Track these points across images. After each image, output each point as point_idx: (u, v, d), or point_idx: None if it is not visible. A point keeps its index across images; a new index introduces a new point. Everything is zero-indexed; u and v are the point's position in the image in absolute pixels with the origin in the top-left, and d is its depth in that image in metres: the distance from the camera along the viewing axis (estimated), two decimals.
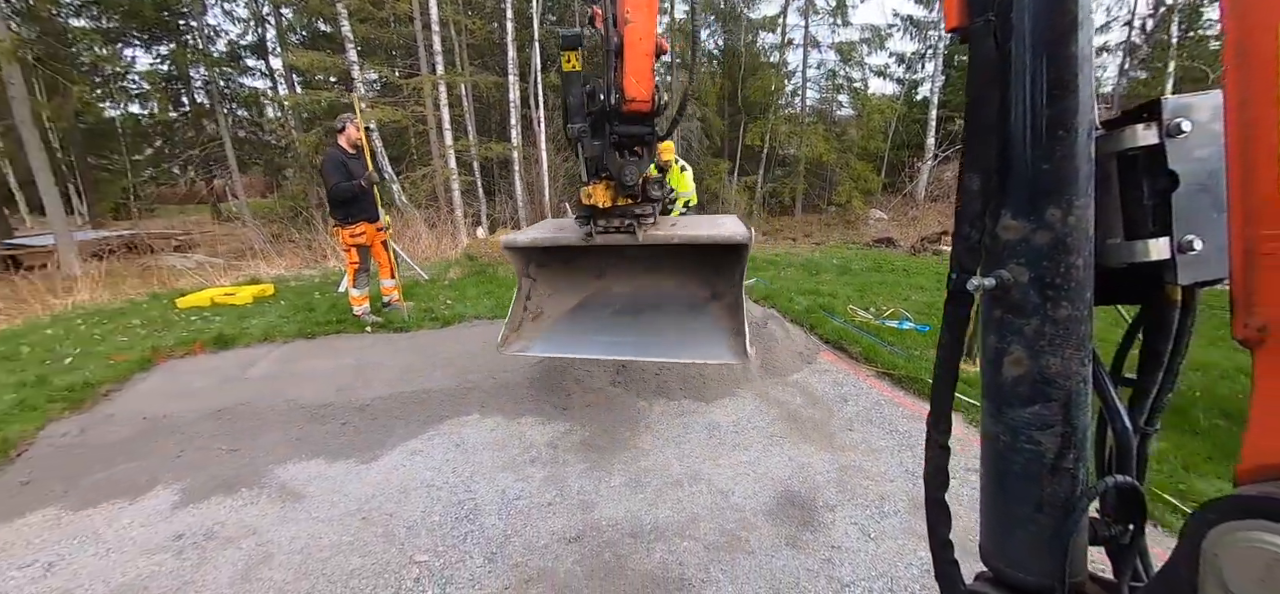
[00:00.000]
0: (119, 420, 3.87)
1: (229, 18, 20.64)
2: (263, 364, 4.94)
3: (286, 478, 3.22)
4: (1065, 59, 0.74)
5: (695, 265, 3.62)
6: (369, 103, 14.22)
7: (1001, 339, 0.84)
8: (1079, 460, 0.83)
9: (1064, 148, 0.75)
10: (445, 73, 13.85)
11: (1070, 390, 0.80)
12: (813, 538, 2.68)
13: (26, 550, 2.71)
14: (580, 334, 3.36)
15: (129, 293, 8.99)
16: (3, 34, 11.66)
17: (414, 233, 12.68)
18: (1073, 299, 0.78)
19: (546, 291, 3.54)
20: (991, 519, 0.93)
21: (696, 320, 3.40)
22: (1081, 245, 0.77)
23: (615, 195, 2.83)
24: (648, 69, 2.42)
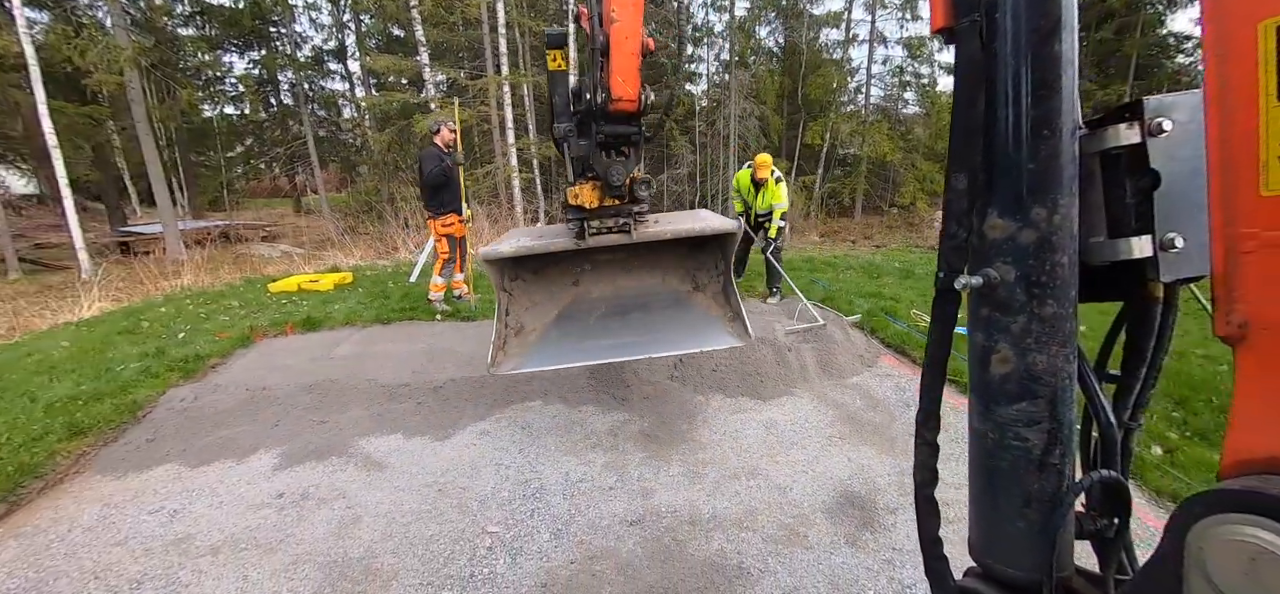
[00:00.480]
0: (226, 390, 4.30)
1: (314, 25, 22.16)
2: (345, 345, 5.33)
3: (370, 449, 3.50)
4: (1049, 59, 0.75)
5: (674, 260, 3.57)
6: (439, 103, 14.91)
7: (989, 337, 0.85)
8: (1065, 456, 0.84)
9: (1048, 147, 0.76)
10: (509, 73, 14.34)
11: (1056, 387, 0.81)
12: (873, 539, 2.67)
13: (154, 498, 3.08)
14: (572, 342, 3.24)
15: (226, 277, 9.87)
16: (125, 43, 13.02)
17: (477, 228, 13.23)
18: (1058, 297, 0.79)
19: (525, 305, 3.38)
20: (980, 515, 0.94)
21: (686, 313, 3.37)
22: (1066, 244, 0.78)
23: (602, 196, 2.78)
24: (634, 68, 2.38)
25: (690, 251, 3.54)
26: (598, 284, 3.58)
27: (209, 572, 2.51)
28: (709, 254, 3.46)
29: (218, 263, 12.48)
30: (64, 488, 3.22)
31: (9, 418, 3.84)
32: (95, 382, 4.43)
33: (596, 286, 3.58)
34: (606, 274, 3.58)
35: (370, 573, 2.47)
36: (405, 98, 16.15)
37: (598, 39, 2.35)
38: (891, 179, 19.04)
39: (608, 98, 2.38)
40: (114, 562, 2.59)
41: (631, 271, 3.59)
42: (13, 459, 3.30)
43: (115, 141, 20.02)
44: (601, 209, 2.82)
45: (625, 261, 3.56)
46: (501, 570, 2.47)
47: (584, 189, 2.74)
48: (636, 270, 3.59)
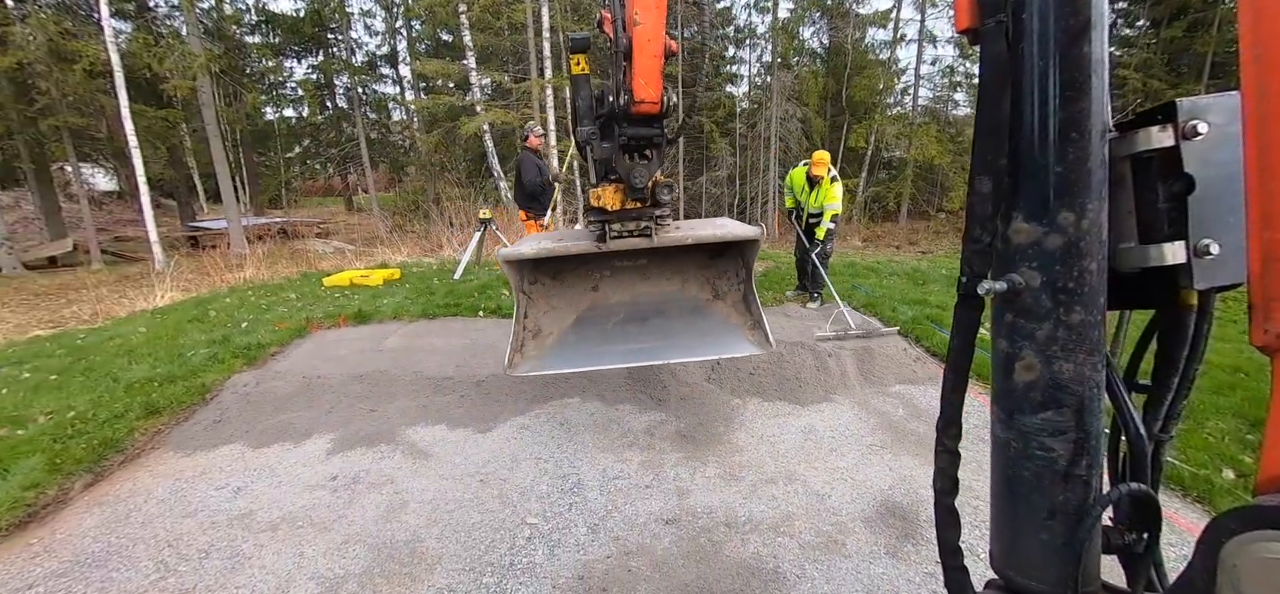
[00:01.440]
0: (285, 377, 4.55)
1: (368, 31, 23.13)
2: (393, 338, 5.55)
3: (416, 438, 3.64)
4: (1078, 60, 0.73)
5: (695, 268, 3.56)
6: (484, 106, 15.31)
7: (1012, 344, 0.83)
8: (1092, 467, 0.81)
9: (1077, 150, 0.74)
10: (552, 76, 14.59)
11: (1083, 396, 0.79)
12: (915, 551, 2.60)
13: (220, 476, 3.30)
14: (590, 346, 3.26)
15: (283, 271, 10.41)
16: (198, 50, 13.91)
17: (517, 228, 13.52)
18: (1086, 304, 0.77)
19: (543, 309, 3.40)
20: (1002, 526, 0.92)
21: (706, 320, 3.37)
22: (1094, 249, 0.76)
23: (625, 198, 2.79)
24: (657, 70, 2.38)
25: (711, 259, 3.53)
26: (617, 290, 3.58)
27: (268, 546, 2.67)
28: (730, 261, 3.45)
29: (276, 257, 13.17)
30: (141, 462, 3.48)
31: (95, 396, 4.17)
32: (169, 365, 4.77)
33: (615, 292, 3.58)
34: (625, 280, 3.58)
35: (416, 556, 2.58)
36: (451, 101, 16.66)
37: (621, 42, 2.37)
38: (939, 183, 18.43)
39: (630, 100, 2.39)
40: (184, 533, 2.79)
41: (650, 278, 3.59)
42: (99, 434, 3.59)
43: (186, 142, 21.40)
44: (623, 212, 2.84)
45: (645, 268, 3.58)
46: (540, 560, 2.53)
47: (606, 191, 2.76)
48: (655, 277, 3.59)
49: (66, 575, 2.50)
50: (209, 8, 18.35)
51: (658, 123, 2.61)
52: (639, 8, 2.31)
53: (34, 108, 12.84)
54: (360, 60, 22.64)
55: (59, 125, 13.16)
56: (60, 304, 9.42)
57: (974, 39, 0.84)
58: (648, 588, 2.37)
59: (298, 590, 2.39)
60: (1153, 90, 16.79)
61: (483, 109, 15.09)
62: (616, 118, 2.58)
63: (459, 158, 20.23)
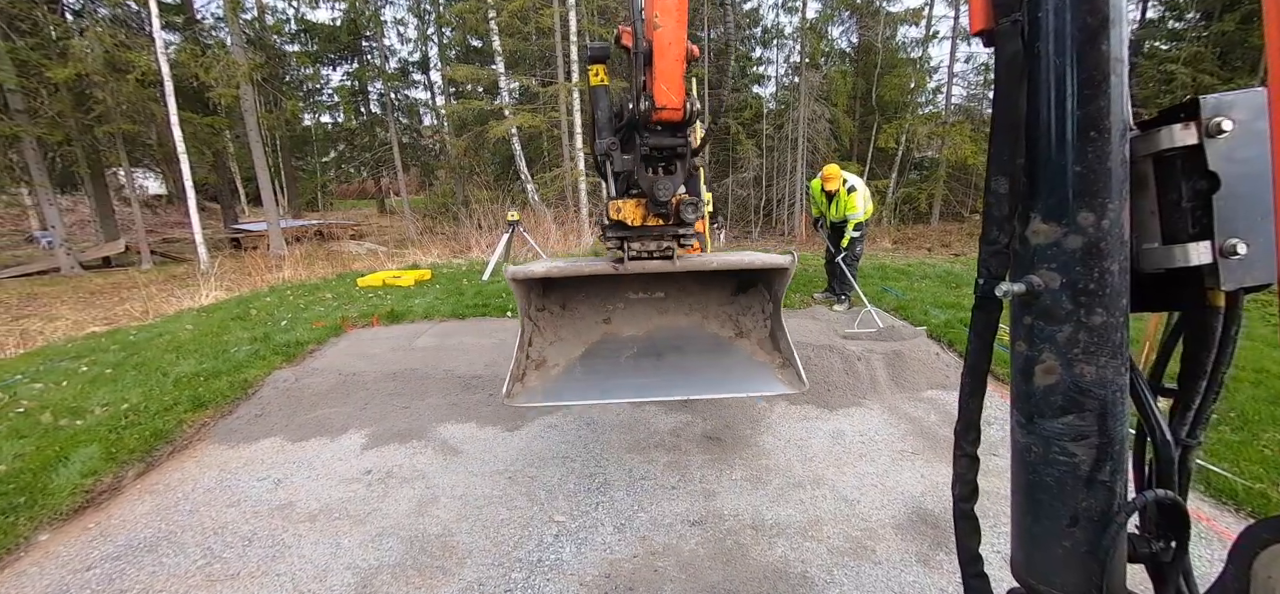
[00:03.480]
0: (321, 373, 4.70)
1: (401, 39, 23.73)
2: (425, 337, 5.68)
3: (447, 435, 3.72)
4: (1096, 58, 0.71)
5: (716, 303, 3.32)
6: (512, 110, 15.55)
7: (1032, 347, 0.82)
8: (1116, 473, 0.79)
9: (1096, 149, 0.73)
10: (579, 80, 14.73)
11: (1106, 400, 0.77)
12: (948, 560, 2.54)
13: (262, 467, 3.43)
14: (599, 379, 3.00)
15: (320, 272, 10.75)
16: (242, 60, 14.49)
17: (545, 229, 13.68)
18: (1108, 305, 0.75)
19: (549, 339, 3.16)
20: (1023, 533, 0.90)
21: (729, 357, 3.12)
22: (1116, 250, 0.74)
23: (646, 214, 2.59)
24: (679, 75, 2.30)
25: (734, 295, 3.32)
26: (630, 323, 3.31)
27: (307, 536, 2.76)
28: (756, 296, 3.24)
29: (313, 258, 13.61)
30: (188, 453, 3.64)
31: (146, 389, 4.38)
32: (214, 361, 4.97)
33: (629, 326, 3.31)
34: (640, 313, 3.33)
35: (447, 549, 2.63)
36: (480, 105, 16.97)
37: (640, 46, 2.30)
38: (974, 183, 17.93)
39: (651, 106, 2.31)
40: (229, 521, 2.91)
41: (668, 312, 3.33)
42: (150, 425, 3.78)
43: (230, 147, 22.29)
44: (644, 228, 2.63)
45: (661, 302, 3.35)
46: (567, 558, 2.56)
47: (627, 205, 2.58)
48: (673, 312, 3.34)
49: (121, 558, 2.64)
50: (252, 18, 19.08)
51: (681, 131, 2.50)
52: (659, 10, 2.25)
53: (90, 116, 13.56)
54: (393, 67, 23.24)
55: (113, 132, 13.88)
56: (114, 302, 9.91)
57: (988, 40, 0.83)
58: (674, 588, 2.38)
59: (335, 579, 2.47)
60: (1204, 85, 16.03)
61: (511, 113, 15.33)
62: (637, 127, 2.46)
63: (487, 161, 20.61)
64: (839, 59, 20.07)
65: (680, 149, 2.51)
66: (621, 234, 2.66)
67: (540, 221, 14.49)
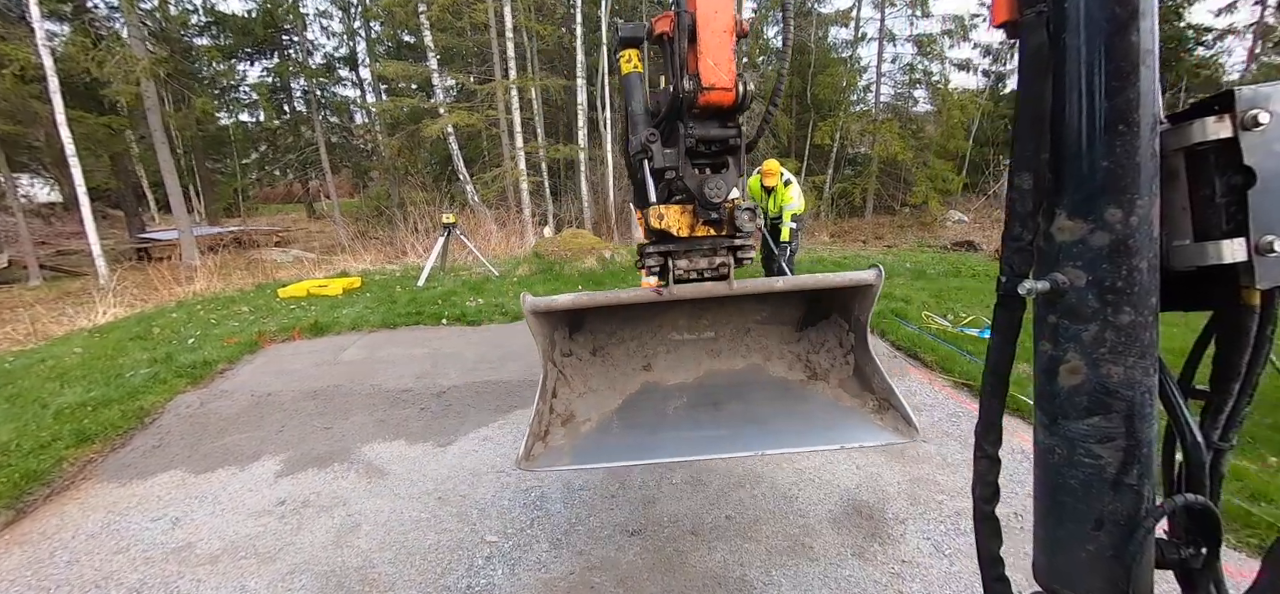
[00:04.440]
0: (232, 396, 4.32)
1: (325, 33, 22.42)
2: (351, 350, 5.34)
3: (372, 456, 3.48)
4: (1125, 49, 0.69)
5: (777, 340, 2.70)
6: (447, 108, 15.00)
7: (1057, 346, 0.80)
8: (1144, 476, 0.78)
9: (1124, 143, 0.71)
10: (517, 77, 14.38)
11: (1133, 401, 0.75)
12: (881, 550, 2.59)
13: (157, 506, 3.09)
14: (643, 434, 2.40)
15: (238, 283, 9.99)
16: (141, 54, 13.25)
17: (485, 231, 13.28)
18: (1136, 304, 0.73)
19: (578, 390, 2.56)
20: (1045, 537, 0.88)
21: (806, 404, 2.49)
22: (1145, 247, 0.72)
23: (695, 222, 2.11)
24: (727, 49, 1.94)
25: (801, 325, 2.70)
26: (675, 370, 2.70)
27: (207, 581, 2.50)
28: (830, 327, 2.59)
29: (231, 268, 12.65)
30: (70, 495, 3.23)
31: (20, 425, 3.88)
32: (105, 388, 4.48)
33: (674, 373, 2.70)
34: (688, 357, 2.72)
35: (367, 583, 2.44)
36: (414, 103, 16.29)
37: (683, 20, 1.96)
38: (903, 178, 18.81)
39: (697, 87, 1.94)
40: (114, 571, 2.59)
41: (720, 354, 2.73)
42: (21, 467, 3.33)
43: (134, 149, 20.41)
44: (693, 239, 2.14)
45: (713, 343, 2.75)
46: (499, 581, 2.43)
47: (671, 211, 2.09)
48: (727, 354, 2.72)
49: None
50: (152, 8, 17.50)
51: (732, 118, 2.08)
52: None
53: None
54: (318, 62, 21.94)
55: None
56: None
57: (1012, 32, 0.81)
58: None
59: None
60: None
61: (446, 111, 14.79)
62: (680, 115, 2.08)
63: (424, 161, 19.82)
64: (775, 58, 20.55)
65: (732, 141, 2.09)
66: (666, 248, 2.14)
67: (481, 223, 14.07)
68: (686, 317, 2.69)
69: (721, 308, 2.68)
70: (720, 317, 2.70)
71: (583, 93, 15.47)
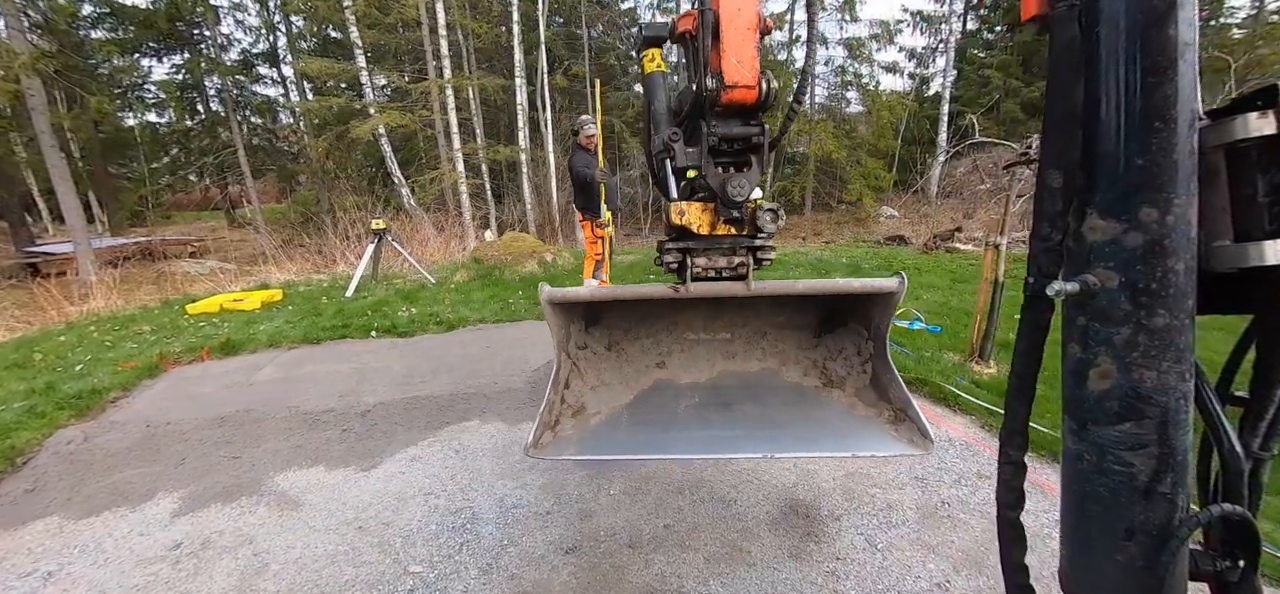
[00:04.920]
0: (124, 428, 3.89)
1: (241, 27, 20.93)
2: (268, 370, 4.95)
3: (285, 486, 3.21)
4: (1162, 43, 0.67)
5: (793, 346, 2.69)
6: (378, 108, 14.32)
7: (1086, 349, 0.77)
8: (1178, 485, 0.75)
9: (1161, 140, 0.68)
10: (452, 77, 13.91)
11: (1167, 407, 0.73)
12: (817, 549, 2.60)
13: (27, 559, 2.72)
14: (653, 431, 2.42)
15: (143, 299, 9.12)
16: (22, 48, 11.91)
17: (422, 236, 12.76)
18: (1171, 307, 0.70)
19: (591, 383, 2.58)
20: (1073, 544, 0.86)
21: (820, 410, 2.49)
22: (1181, 248, 0.70)
23: (716, 220, 2.11)
24: (751, 46, 1.93)
25: (818, 332, 2.67)
26: (689, 369, 2.71)
27: None
28: (849, 335, 2.55)
29: (136, 283, 11.59)
30: None
31: None
32: None
33: (687, 372, 2.71)
34: (702, 357, 2.73)
35: None
36: (342, 102, 15.46)
37: (707, 18, 1.95)
38: (839, 176, 19.52)
39: (720, 85, 1.93)
40: None
41: (734, 356, 2.73)
42: None
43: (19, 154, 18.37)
44: (713, 238, 2.13)
45: (728, 344, 2.76)
46: None
47: (692, 208, 2.09)
48: (742, 356, 2.72)
49: None
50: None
51: (755, 116, 2.07)
52: None
53: None
54: (233, 59, 20.48)
55: None
56: None
57: (1042, 27, 0.77)
58: None
59: None
60: (1011, 87, 18.77)
61: (377, 111, 14.11)
62: (703, 114, 2.07)
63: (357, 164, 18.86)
64: None
65: (755, 139, 2.08)
66: (685, 245, 2.13)
67: (418, 228, 13.50)
68: (703, 317, 2.67)
69: (739, 309, 2.66)
70: (737, 318, 2.68)
71: (522, 92, 15.14)
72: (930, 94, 21.74)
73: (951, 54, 19.51)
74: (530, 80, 16.09)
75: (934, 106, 20.37)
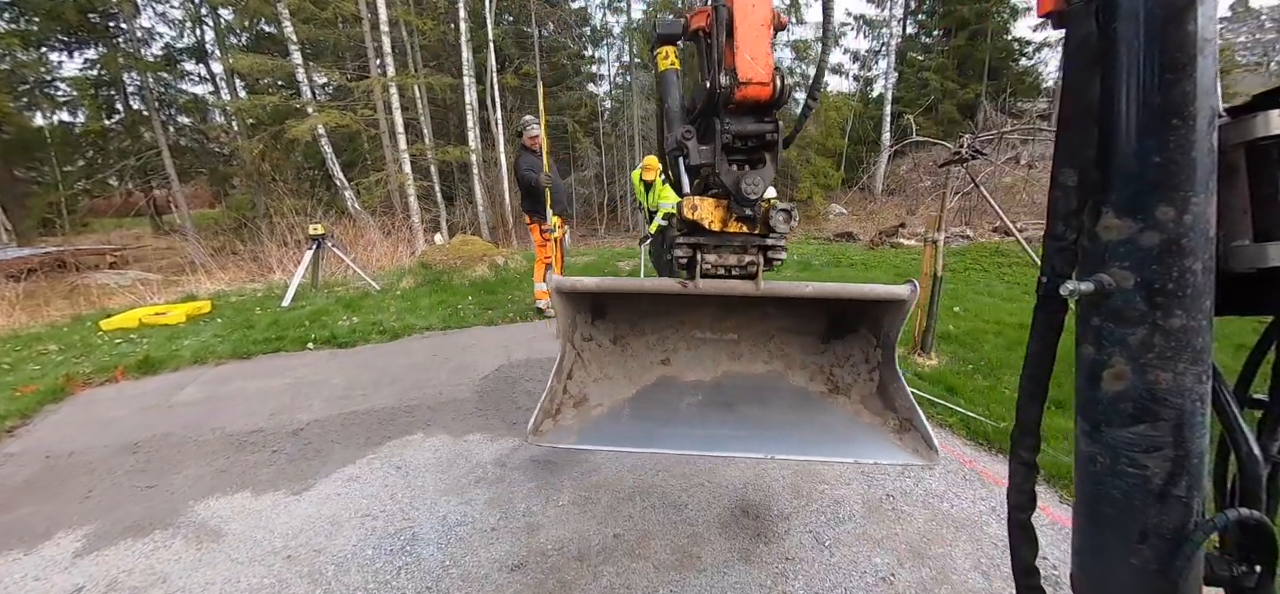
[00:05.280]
0: (20, 460, 3.53)
1: (163, 19, 19.54)
2: (191, 389, 4.61)
3: (206, 515, 2.97)
4: (1181, 39, 0.65)
5: (799, 350, 2.67)
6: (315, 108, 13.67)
7: (1100, 350, 0.76)
8: (1193, 489, 0.74)
9: (1178, 138, 0.67)
10: (396, 75, 13.43)
11: (1183, 409, 0.71)
12: (766, 550, 2.60)
13: None
14: (653, 426, 2.40)
15: (52, 315, 8.37)
16: None
17: (367, 241, 12.26)
18: (1188, 307, 0.69)
19: (594, 376, 2.55)
20: (1085, 548, 0.85)
21: (825, 415, 2.46)
22: (1199, 247, 0.68)
23: (728, 217, 2.07)
24: (765, 43, 1.90)
25: (826, 338, 2.63)
26: (694, 367, 2.67)
27: None
28: (857, 342, 2.53)
29: (45, 297, 10.64)
30: None
31: None
32: None
33: (692, 370, 2.67)
34: (707, 356, 2.69)
35: None
36: (278, 101, 14.68)
37: (721, 15, 1.91)
38: (790, 175, 19.96)
39: (733, 82, 1.88)
40: None
41: (740, 358, 2.69)
42: None
43: None
44: (723, 235, 2.09)
45: (734, 345, 2.72)
46: None
47: (705, 203, 2.05)
48: (748, 357, 2.68)
49: None
50: None
51: (769, 113, 2.02)
52: None
53: None
54: (155, 54, 19.13)
55: None
56: None
57: (1058, 22, 0.77)
58: None
59: None
60: (948, 89, 19.68)
61: (315, 110, 13.46)
62: (717, 111, 2.03)
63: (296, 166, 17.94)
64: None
65: (769, 136, 2.02)
66: (696, 241, 2.09)
67: (363, 232, 12.96)
68: (711, 315, 2.64)
69: (747, 310, 2.63)
70: (745, 319, 2.65)
71: (471, 92, 14.78)
72: (874, 95, 22.54)
73: (893, 57, 20.28)
74: (480, 79, 15.72)
75: (878, 107, 21.13)
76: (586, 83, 20.97)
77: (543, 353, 5.20)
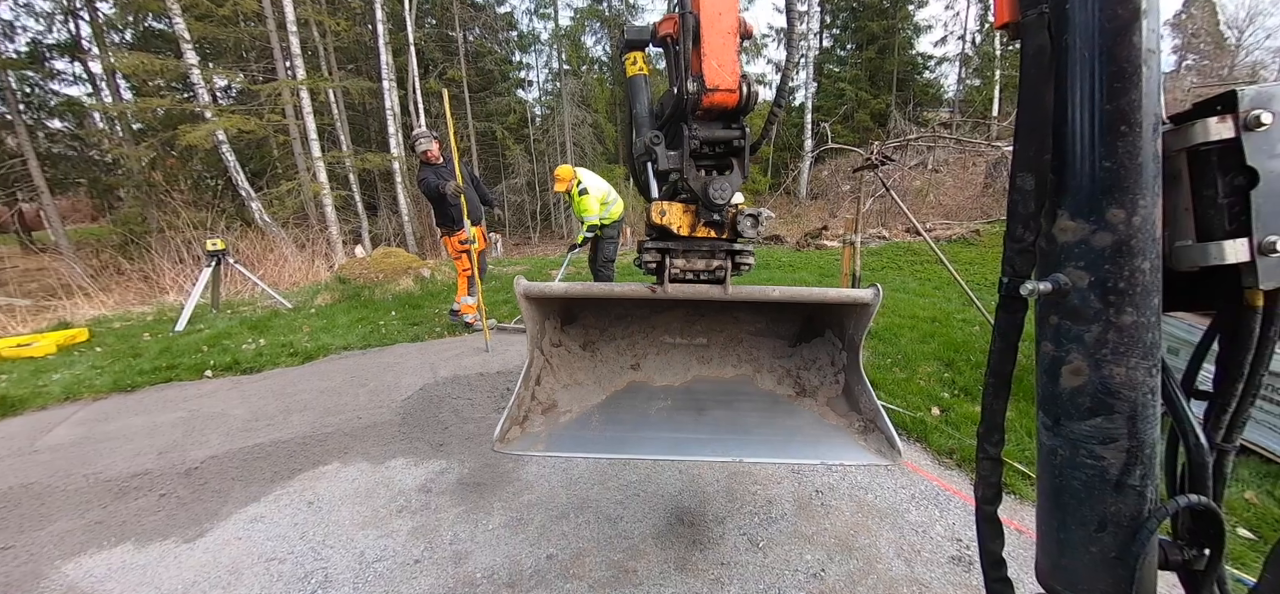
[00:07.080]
0: None
1: (27, 10, 17.33)
2: (61, 430, 4.05)
3: (76, 576, 2.60)
4: (1127, 50, 0.69)
5: (768, 353, 2.74)
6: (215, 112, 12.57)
7: (1059, 347, 0.80)
8: (1146, 477, 0.78)
9: (1126, 144, 0.71)
10: (307, 78, 12.59)
11: (1136, 402, 0.75)
12: (702, 557, 2.60)
13: None
14: (624, 431, 2.42)
15: None
16: None
17: (278, 256, 11.38)
18: (1138, 304, 0.73)
19: (563, 381, 2.58)
20: (1048, 538, 0.88)
21: (791, 418, 2.53)
22: (1147, 247, 0.72)
23: (696, 222, 2.11)
24: (732, 50, 1.94)
25: (790, 347, 2.70)
26: (664, 372, 2.71)
27: None
28: (823, 346, 2.61)
29: None
30: None
31: None
32: None
33: (662, 375, 2.71)
34: (677, 361, 2.72)
35: None
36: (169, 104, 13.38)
37: (687, 22, 1.93)
38: None
39: (701, 88, 1.90)
40: None
41: (710, 362, 2.73)
42: None
43: None
44: (692, 240, 2.12)
45: (703, 349, 2.77)
46: None
47: (673, 208, 2.08)
48: (717, 361, 2.73)
49: None
50: None
51: (737, 120, 2.05)
52: None
53: None
54: (19, 50, 16.94)
55: None
56: None
57: (1014, 33, 0.80)
58: None
59: None
60: (862, 98, 20.93)
61: (214, 115, 12.37)
62: (684, 117, 2.03)
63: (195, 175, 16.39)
64: (596, 67, 20.99)
65: (737, 142, 2.04)
66: (664, 245, 2.09)
67: (273, 246, 12.02)
68: (680, 320, 2.67)
69: (717, 315, 2.68)
70: (714, 324, 2.71)
71: (391, 96, 14.11)
72: (796, 104, 23.60)
73: (811, 68, 21.32)
74: (401, 84, 15.04)
75: (799, 115, 22.12)
76: (515, 89, 20.59)
77: (471, 369, 5.00)
